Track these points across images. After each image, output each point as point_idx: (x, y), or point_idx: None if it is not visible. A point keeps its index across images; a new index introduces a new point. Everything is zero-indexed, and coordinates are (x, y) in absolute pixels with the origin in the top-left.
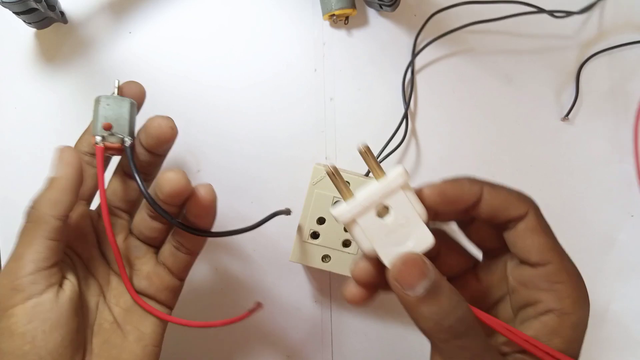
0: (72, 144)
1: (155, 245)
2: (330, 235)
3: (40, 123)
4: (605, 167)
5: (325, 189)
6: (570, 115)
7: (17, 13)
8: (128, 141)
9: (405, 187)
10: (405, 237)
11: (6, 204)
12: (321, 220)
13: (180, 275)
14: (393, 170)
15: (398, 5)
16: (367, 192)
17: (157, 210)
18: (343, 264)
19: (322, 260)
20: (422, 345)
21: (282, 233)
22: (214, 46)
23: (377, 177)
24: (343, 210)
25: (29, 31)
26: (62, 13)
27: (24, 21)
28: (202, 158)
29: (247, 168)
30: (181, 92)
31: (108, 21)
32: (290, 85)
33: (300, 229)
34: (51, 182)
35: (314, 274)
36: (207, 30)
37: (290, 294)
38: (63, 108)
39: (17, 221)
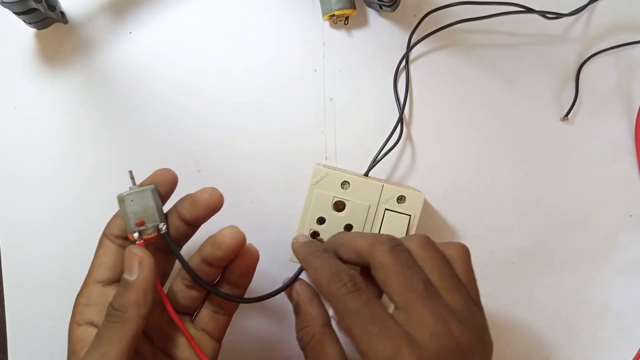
0: (72, 144)
1: (190, 313)
2: (330, 235)
3: (41, 123)
4: (605, 167)
5: (325, 189)
6: (569, 116)
7: (17, 13)
8: (163, 228)
9: None
10: None
11: (6, 204)
12: (321, 220)
13: (219, 337)
14: None
15: (398, 5)
16: None
17: (201, 283)
18: None
19: None
20: None
21: (281, 233)
22: (214, 47)
23: None
24: None
25: (29, 31)
26: (62, 13)
27: (24, 21)
28: (202, 158)
29: (247, 168)
30: (181, 92)
31: (108, 21)
32: (290, 85)
33: (300, 229)
34: (134, 285)
35: None
36: (206, 30)
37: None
38: (63, 108)
39: (17, 221)
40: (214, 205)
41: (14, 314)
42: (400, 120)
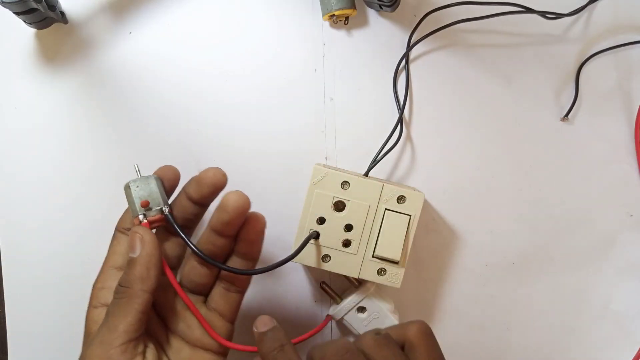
0: (72, 144)
1: (203, 293)
2: (331, 235)
3: (40, 123)
4: (605, 167)
5: (325, 189)
6: (569, 116)
7: (17, 13)
8: (166, 209)
9: (373, 293)
10: (380, 325)
11: (6, 204)
12: (321, 220)
13: (232, 317)
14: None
15: (398, 5)
16: (349, 298)
17: (205, 258)
18: (343, 263)
19: (322, 260)
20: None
21: (282, 233)
22: (214, 47)
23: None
24: (337, 310)
25: (29, 31)
26: (62, 13)
27: (24, 21)
28: (202, 158)
29: (247, 168)
30: (181, 92)
31: (108, 21)
32: (290, 85)
33: (300, 229)
34: (137, 261)
35: (314, 273)
36: (207, 30)
37: (290, 293)
38: (63, 108)
39: (17, 221)
40: (218, 183)
41: (14, 314)
42: (400, 120)
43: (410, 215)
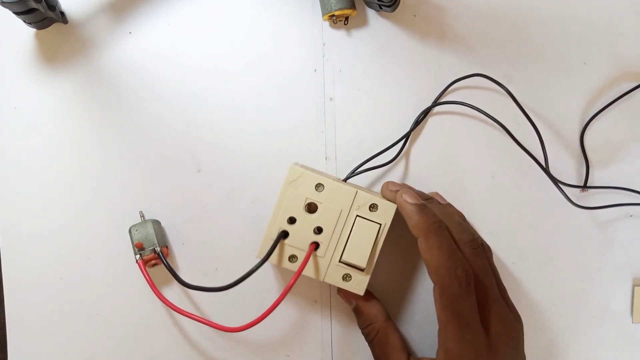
0: (72, 144)
1: None
2: (300, 236)
3: (40, 123)
4: (605, 167)
5: (299, 189)
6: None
7: (17, 13)
8: (157, 249)
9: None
10: None
11: (6, 204)
12: (292, 220)
13: None
14: None
15: (398, 5)
16: None
17: (189, 286)
18: (308, 266)
19: (289, 260)
20: (421, 346)
21: None
22: (214, 46)
23: None
24: None
25: (29, 31)
26: (62, 13)
27: (24, 21)
28: (202, 158)
29: (247, 168)
30: (180, 92)
31: (108, 21)
32: (290, 85)
33: (270, 227)
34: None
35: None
36: (206, 30)
37: (290, 293)
38: (63, 108)
39: (17, 221)
40: None
41: (14, 314)
42: (407, 135)
43: (380, 224)
